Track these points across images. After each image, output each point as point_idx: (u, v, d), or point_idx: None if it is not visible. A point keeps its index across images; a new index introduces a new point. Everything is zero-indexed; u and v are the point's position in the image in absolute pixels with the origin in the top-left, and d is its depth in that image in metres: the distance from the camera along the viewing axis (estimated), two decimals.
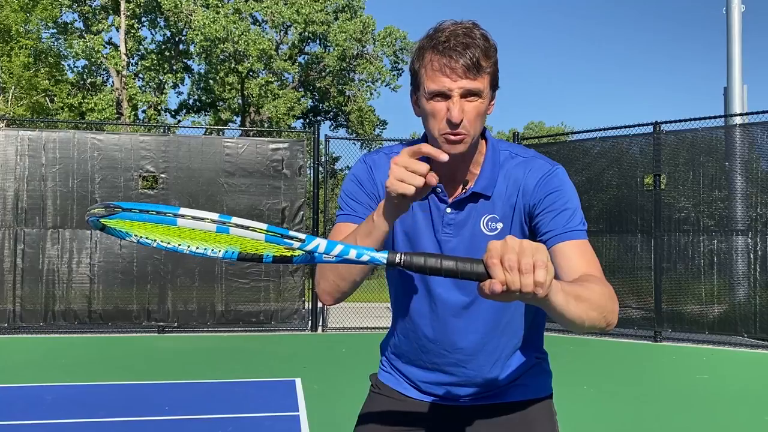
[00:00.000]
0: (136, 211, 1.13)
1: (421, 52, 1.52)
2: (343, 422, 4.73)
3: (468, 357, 1.69)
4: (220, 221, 1.12)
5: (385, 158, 1.69)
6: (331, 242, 1.16)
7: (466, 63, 1.45)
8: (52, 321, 10.09)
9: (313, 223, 11.11)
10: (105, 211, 1.15)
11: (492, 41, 1.51)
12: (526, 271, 1.06)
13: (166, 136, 10.79)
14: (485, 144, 1.64)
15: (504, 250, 1.08)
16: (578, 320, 1.26)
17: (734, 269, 9.56)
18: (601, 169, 10.73)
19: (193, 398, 5.95)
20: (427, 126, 1.55)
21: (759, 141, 9.56)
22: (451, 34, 1.47)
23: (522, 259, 1.06)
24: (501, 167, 1.62)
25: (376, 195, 1.67)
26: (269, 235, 1.14)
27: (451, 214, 1.61)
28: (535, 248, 1.08)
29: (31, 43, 23.79)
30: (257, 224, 1.14)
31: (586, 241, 1.54)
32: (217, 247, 1.18)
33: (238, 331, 10.52)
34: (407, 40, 27.57)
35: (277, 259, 1.18)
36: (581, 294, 1.28)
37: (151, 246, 1.18)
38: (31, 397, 5.94)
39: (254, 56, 24.78)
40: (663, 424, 5.31)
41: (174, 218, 1.13)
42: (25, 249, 10.09)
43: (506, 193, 1.61)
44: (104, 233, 1.20)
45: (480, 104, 1.50)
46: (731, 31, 12.17)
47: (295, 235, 1.14)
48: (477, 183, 1.61)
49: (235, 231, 1.13)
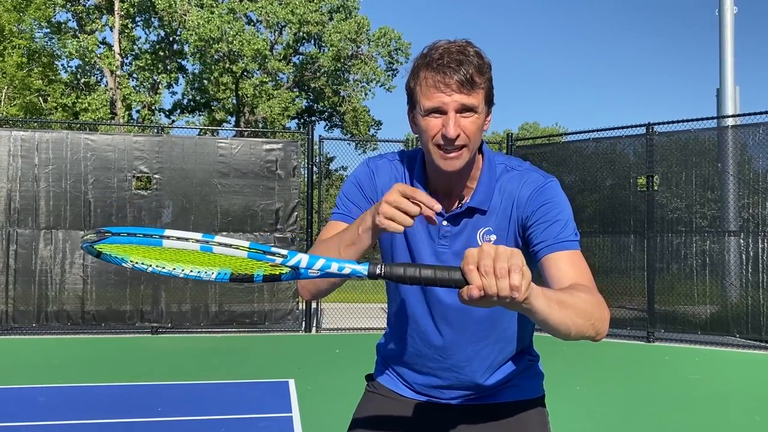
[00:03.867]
0: (125, 235, 1.18)
1: (416, 71, 1.55)
2: (336, 423, 4.73)
3: (462, 363, 1.71)
4: (203, 241, 1.17)
5: (389, 164, 1.74)
6: (313, 257, 1.21)
7: (460, 79, 1.48)
8: (45, 322, 10.05)
9: (307, 224, 11.10)
10: (96, 237, 1.20)
11: (486, 58, 1.54)
12: (502, 276, 1.07)
13: (160, 137, 10.77)
14: (482, 158, 1.66)
15: (480, 256, 1.10)
16: (563, 327, 1.27)
17: (726, 270, 9.61)
18: (595, 169, 10.76)
19: (186, 399, 5.94)
20: (424, 142, 1.58)
21: (751, 142, 9.61)
22: (444, 52, 1.50)
23: (497, 264, 1.08)
24: (497, 181, 1.65)
25: (375, 200, 1.70)
26: (251, 252, 1.18)
27: (447, 227, 1.64)
28: (510, 253, 1.09)
29: (24, 42, 23.69)
30: (239, 242, 1.18)
31: (578, 252, 1.55)
32: (210, 269, 1.23)
33: (232, 331, 10.50)
34: (402, 41, 27.61)
35: (267, 277, 1.23)
36: (565, 300, 1.28)
37: (147, 271, 1.24)
38: (23, 398, 5.92)
39: (249, 56, 24.74)
40: (655, 424, 5.33)
41: (159, 240, 1.17)
42: (18, 250, 10.04)
43: (501, 206, 1.63)
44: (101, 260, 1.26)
45: (476, 119, 1.52)
46: (724, 33, 12.23)
47: (276, 251, 1.19)
48: (473, 198, 1.63)
49: (218, 249, 1.18)
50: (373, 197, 1.70)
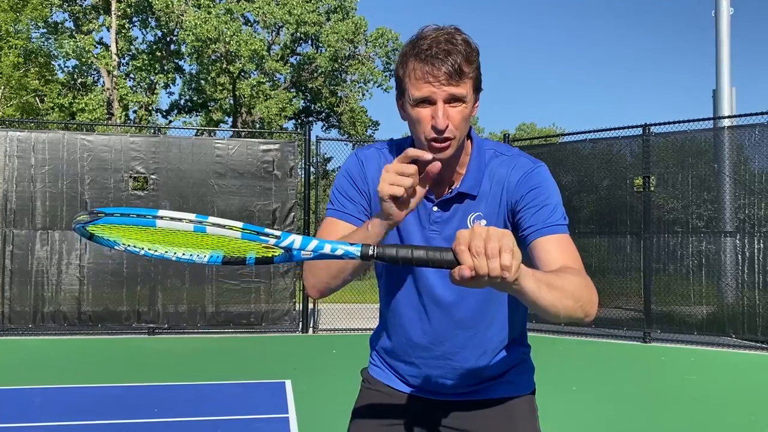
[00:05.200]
0: (118, 215, 1.17)
1: (404, 59, 1.55)
2: (332, 424, 4.73)
3: (455, 350, 1.72)
4: (197, 221, 1.16)
5: (377, 153, 1.74)
6: (306, 238, 1.20)
7: (448, 70, 1.48)
8: (41, 323, 10.03)
9: (305, 225, 11.09)
10: (89, 217, 1.18)
11: (474, 45, 1.54)
12: (492, 256, 1.09)
13: (157, 137, 10.76)
14: (471, 144, 1.67)
15: (471, 236, 1.11)
16: (552, 308, 1.29)
17: (723, 270, 9.63)
18: (592, 170, 10.78)
19: (182, 400, 5.93)
20: (413, 131, 1.59)
21: (747, 143, 9.63)
22: (433, 42, 1.50)
23: (488, 244, 1.10)
24: (486, 166, 1.66)
25: (367, 192, 1.71)
26: (245, 232, 1.18)
27: (438, 213, 1.65)
28: (501, 234, 1.11)
29: (21, 42, 23.65)
30: (233, 223, 1.18)
31: (566, 236, 1.56)
32: (202, 252, 1.22)
33: (229, 332, 10.49)
34: (399, 41, 27.56)
35: (259, 260, 1.21)
36: (554, 282, 1.30)
37: (139, 254, 1.23)
38: (19, 399, 5.92)
39: (246, 57, 24.72)
40: (652, 424, 5.34)
41: (153, 220, 1.16)
42: (14, 250, 10.02)
43: (491, 191, 1.64)
44: (93, 242, 1.24)
45: (464, 108, 1.53)
46: (720, 34, 12.25)
47: (270, 232, 1.18)
48: (462, 183, 1.64)
49: (212, 230, 1.16)
50: (365, 189, 1.71)
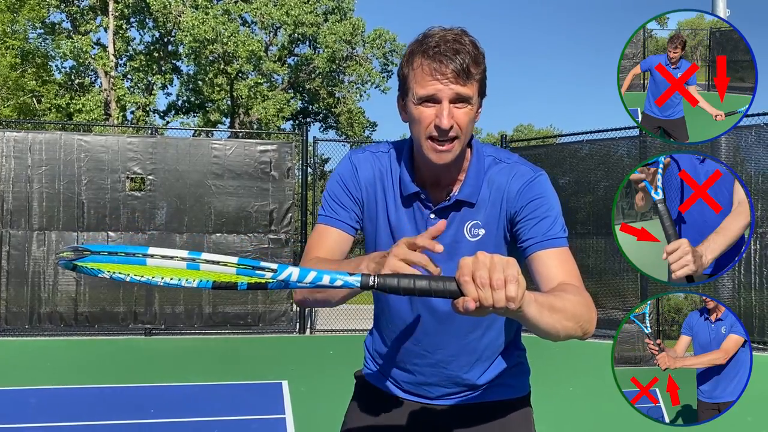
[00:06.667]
0: (105, 254, 1.12)
1: (411, 57, 1.51)
2: (329, 425, 4.72)
3: (449, 358, 1.69)
4: (189, 258, 1.11)
5: (371, 156, 1.70)
6: (304, 270, 1.15)
7: (456, 68, 1.45)
8: (37, 323, 10.01)
9: (302, 225, 11.08)
10: (74, 255, 1.13)
11: (481, 48, 1.51)
12: (498, 287, 1.07)
13: (154, 138, 10.75)
14: (470, 150, 1.64)
15: (475, 266, 1.08)
16: (552, 330, 1.28)
17: None
18: (589, 171, 10.79)
19: (179, 401, 5.93)
20: (414, 131, 1.54)
21: (744, 144, 9.64)
22: (441, 40, 1.47)
23: (493, 275, 1.07)
24: (485, 173, 1.62)
25: (360, 199, 1.67)
26: (240, 268, 1.12)
27: (434, 221, 1.60)
28: (506, 263, 1.08)
29: (18, 43, 23.60)
30: (228, 259, 1.12)
31: (566, 249, 1.54)
32: (191, 278, 1.15)
33: (226, 333, 10.48)
34: (397, 42, 27.57)
35: (252, 286, 1.16)
36: (555, 304, 1.29)
37: (125, 281, 1.16)
38: (15, 400, 5.90)
39: (243, 57, 24.70)
40: (649, 424, 5.33)
41: (143, 258, 1.11)
42: (11, 251, 10.00)
43: (490, 199, 1.61)
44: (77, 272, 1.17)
45: (470, 110, 1.50)
46: None
47: (266, 266, 1.13)
48: (461, 191, 1.60)
49: (206, 267, 1.11)
50: (358, 195, 1.67)
